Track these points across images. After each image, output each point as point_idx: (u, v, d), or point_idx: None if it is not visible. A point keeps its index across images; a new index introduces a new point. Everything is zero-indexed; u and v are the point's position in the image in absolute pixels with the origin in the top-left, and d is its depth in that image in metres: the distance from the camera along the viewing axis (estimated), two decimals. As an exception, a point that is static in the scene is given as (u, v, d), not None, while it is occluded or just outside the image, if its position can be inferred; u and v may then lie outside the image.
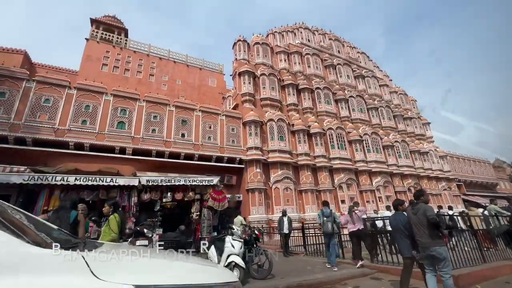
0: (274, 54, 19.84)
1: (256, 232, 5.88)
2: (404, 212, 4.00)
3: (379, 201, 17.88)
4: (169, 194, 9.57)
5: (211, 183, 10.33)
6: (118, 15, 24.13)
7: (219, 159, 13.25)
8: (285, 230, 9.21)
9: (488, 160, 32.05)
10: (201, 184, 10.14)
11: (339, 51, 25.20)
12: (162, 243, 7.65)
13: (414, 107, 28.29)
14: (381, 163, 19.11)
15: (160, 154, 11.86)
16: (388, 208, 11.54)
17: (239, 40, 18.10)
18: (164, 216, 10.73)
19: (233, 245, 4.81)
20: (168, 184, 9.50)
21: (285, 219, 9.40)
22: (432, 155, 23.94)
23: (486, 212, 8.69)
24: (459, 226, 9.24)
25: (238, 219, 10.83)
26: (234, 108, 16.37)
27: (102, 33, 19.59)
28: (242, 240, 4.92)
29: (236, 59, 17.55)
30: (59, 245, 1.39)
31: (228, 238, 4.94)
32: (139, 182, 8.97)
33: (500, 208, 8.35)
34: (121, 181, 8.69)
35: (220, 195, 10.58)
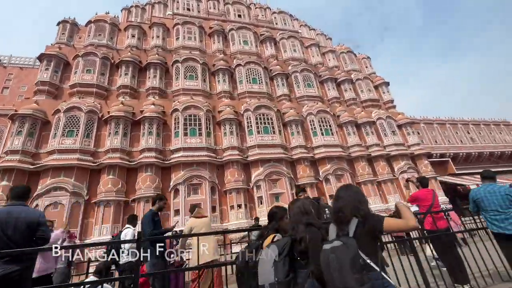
0: (121, 32, 15.74)
1: None
2: None
3: (260, 203, 11.96)
4: None
5: None
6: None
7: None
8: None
9: (508, 121, 22.16)
10: None
11: (239, 15, 19.87)
12: None
13: (367, 66, 20.95)
14: (270, 147, 13.12)
15: None
16: (131, 220, 5.76)
17: (59, 22, 14.52)
18: None
19: None
20: None
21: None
22: (384, 126, 16.59)
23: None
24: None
25: None
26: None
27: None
28: None
29: (51, 44, 13.91)
30: None
31: None
32: None
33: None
34: None
35: None
